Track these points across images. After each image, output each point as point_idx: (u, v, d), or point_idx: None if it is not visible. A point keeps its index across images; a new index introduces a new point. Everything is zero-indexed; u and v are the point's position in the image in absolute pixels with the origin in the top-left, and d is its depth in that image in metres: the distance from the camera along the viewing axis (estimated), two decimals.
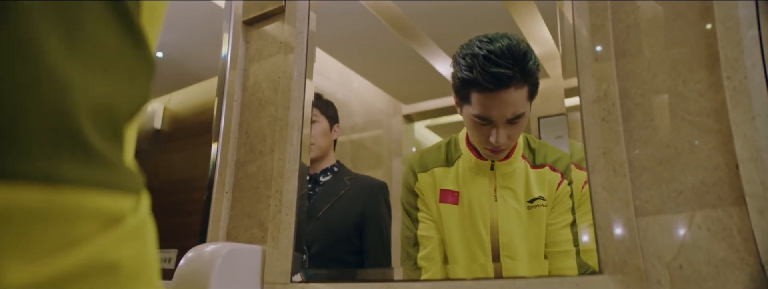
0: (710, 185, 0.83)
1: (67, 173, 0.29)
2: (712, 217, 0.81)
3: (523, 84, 1.10)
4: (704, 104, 0.86)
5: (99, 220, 0.31)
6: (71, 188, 0.29)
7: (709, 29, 0.88)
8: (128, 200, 0.33)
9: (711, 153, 0.84)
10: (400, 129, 1.65)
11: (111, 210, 0.32)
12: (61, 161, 0.29)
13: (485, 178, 1.18)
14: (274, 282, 1.20)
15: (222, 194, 1.41)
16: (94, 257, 0.30)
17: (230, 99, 1.49)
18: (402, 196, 1.30)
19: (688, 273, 0.81)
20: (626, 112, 0.92)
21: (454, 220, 1.19)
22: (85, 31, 0.32)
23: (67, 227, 0.29)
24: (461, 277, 1.15)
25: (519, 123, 1.12)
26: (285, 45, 1.41)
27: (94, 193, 0.31)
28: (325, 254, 1.39)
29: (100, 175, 0.31)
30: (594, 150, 0.91)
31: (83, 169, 0.30)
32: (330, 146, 1.55)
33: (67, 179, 0.29)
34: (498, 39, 1.11)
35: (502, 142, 1.12)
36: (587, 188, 0.92)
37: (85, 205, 0.30)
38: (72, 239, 0.29)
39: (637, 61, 0.93)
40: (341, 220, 1.46)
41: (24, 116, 0.28)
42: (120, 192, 0.33)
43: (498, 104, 1.11)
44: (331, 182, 1.52)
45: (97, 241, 0.30)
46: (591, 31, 0.96)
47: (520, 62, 1.08)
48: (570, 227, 1.09)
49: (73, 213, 0.30)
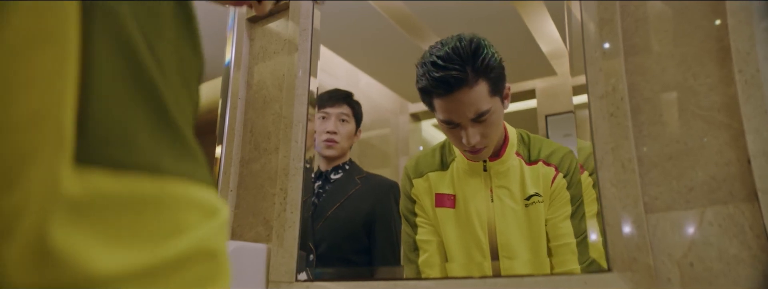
0: (721, 181, 0.81)
1: (169, 164, 0.32)
2: (723, 213, 0.80)
3: (479, 81, 1.08)
4: (715, 98, 0.84)
5: (200, 210, 0.33)
6: (173, 178, 0.32)
7: (720, 22, 0.86)
8: (216, 196, 0.36)
9: (722, 148, 0.82)
10: (407, 128, 1.64)
11: (207, 202, 0.34)
12: (163, 153, 0.32)
13: (479, 179, 1.17)
14: (279, 281, 1.19)
15: (227, 192, 1.41)
16: (198, 244, 0.32)
17: (235, 97, 1.48)
18: (401, 202, 1.29)
19: (699, 270, 0.79)
20: (635, 107, 0.91)
21: (451, 223, 1.18)
22: (164, 34, 0.35)
23: (174, 215, 0.31)
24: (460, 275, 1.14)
25: (487, 120, 1.10)
26: (289, 43, 1.41)
27: (193, 185, 0.33)
28: (333, 253, 1.39)
29: (195, 169, 0.34)
30: (602, 146, 0.90)
31: (181, 162, 0.33)
32: (350, 147, 1.55)
33: (169, 170, 0.31)
34: (448, 42, 1.11)
35: (475, 141, 1.11)
36: (588, 183, 0.90)
37: (188, 195, 0.32)
38: (179, 226, 0.31)
39: (646, 55, 0.92)
40: (350, 219, 1.45)
41: (132, 111, 0.30)
42: (209, 186, 0.35)
43: (456, 106, 1.10)
44: (341, 179, 1.51)
45: (200, 229, 0.33)
46: (599, 25, 0.95)
47: (469, 61, 1.07)
48: (570, 219, 1.07)
49: (179, 202, 0.32)
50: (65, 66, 0.28)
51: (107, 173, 0.29)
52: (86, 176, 0.28)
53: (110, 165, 0.29)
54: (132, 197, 0.29)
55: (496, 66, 1.10)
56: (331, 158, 1.52)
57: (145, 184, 0.30)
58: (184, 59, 0.37)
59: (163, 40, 0.34)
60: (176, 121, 0.33)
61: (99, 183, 0.28)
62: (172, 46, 0.35)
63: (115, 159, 0.29)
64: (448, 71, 1.07)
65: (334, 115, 1.53)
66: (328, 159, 1.53)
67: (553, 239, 1.08)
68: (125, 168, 0.29)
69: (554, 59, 1.29)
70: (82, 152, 0.28)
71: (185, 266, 0.31)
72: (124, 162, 0.29)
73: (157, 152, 0.31)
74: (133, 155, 0.30)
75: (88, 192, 0.28)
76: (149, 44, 0.33)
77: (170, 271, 0.30)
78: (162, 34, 0.34)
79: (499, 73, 1.12)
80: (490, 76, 1.09)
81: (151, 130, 0.31)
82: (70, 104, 0.28)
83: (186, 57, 0.37)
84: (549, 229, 1.09)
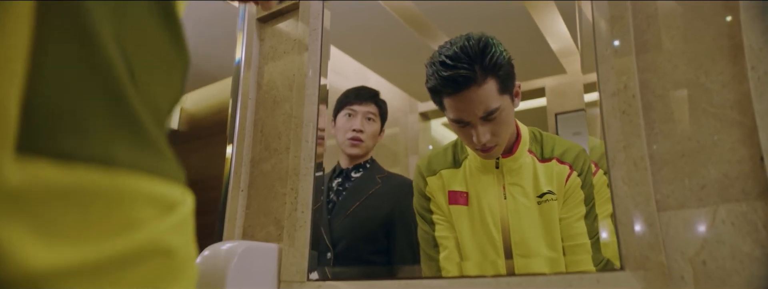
0: (734, 179, 0.81)
1: (125, 157, 0.30)
2: (736, 211, 0.79)
3: (488, 79, 1.09)
4: (727, 96, 0.84)
5: (155, 205, 0.32)
6: (128, 171, 0.30)
7: (732, 19, 0.86)
8: (178, 190, 0.35)
9: (735, 146, 0.82)
10: (417, 127, 1.64)
11: (165, 197, 0.33)
12: (118, 145, 0.30)
13: (492, 176, 1.17)
14: (291, 280, 1.19)
15: (237, 192, 1.41)
16: (151, 240, 0.31)
17: (245, 97, 1.48)
18: (415, 200, 1.29)
19: (712, 269, 0.79)
20: (647, 104, 0.90)
21: (464, 221, 1.18)
22: (132, 23, 0.34)
23: (125, 209, 0.30)
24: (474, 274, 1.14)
25: (497, 118, 1.11)
26: (299, 42, 1.41)
27: (149, 179, 0.32)
28: (350, 252, 1.38)
29: (154, 162, 0.33)
30: (614, 144, 0.89)
31: (139, 154, 0.31)
32: (373, 147, 1.54)
33: (124, 162, 0.30)
34: (456, 41, 1.11)
35: (485, 140, 1.11)
36: (603, 182, 0.90)
37: (142, 189, 0.31)
38: (131, 221, 0.30)
39: (658, 52, 0.92)
40: (370, 218, 1.44)
41: (85, 101, 0.29)
42: (171, 181, 0.34)
43: (466, 105, 1.10)
44: (362, 178, 1.50)
45: (154, 225, 0.32)
46: (610, 22, 0.94)
47: (477, 60, 1.08)
48: (584, 219, 1.07)
49: (131, 196, 0.31)
50: (12, 56, 0.27)
51: (51, 163, 0.28)
52: (27, 165, 0.27)
53: (55, 155, 0.28)
54: (78, 189, 0.28)
55: (505, 64, 1.11)
56: (353, 156, 1.52)
57: (93, 176, 0.29)
58: (162, 54, 0.36)
59: (134, 34, 0.34)
60: (137, 114, 0.32)
61: (41, 173, 0.27)
62: (149, 42, 0.35)
63: (61, 149, 0.28)
64: (456, 70, 1.08)
65: (361, 114, 1.52)
66: (351, 157, 1.52)
67: (567, 238, 1.08)
68: (72, 158, 0.28)
69: (564, 57, 1.28)
70: (26, 141, 0.27)
71: (135, 263, 0.30)
72: (71, 152, 0.28)
73: (110, 144, 0.30)
74: (81, 146, 0.29)
75: (28, 183, 0.27)
76: (117, 39, 0.32)
77: (116, 268, 0.29)
78: (134, 31, 0.34)
79: (508, 71, 1.12)
80: (498, 74, 1.09)
81: (105, 122, 0.30)
82: (15, 93, 0.27)
83: (164, 51, 0.36)
84: (563, 228, 1.09)
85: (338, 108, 1.56)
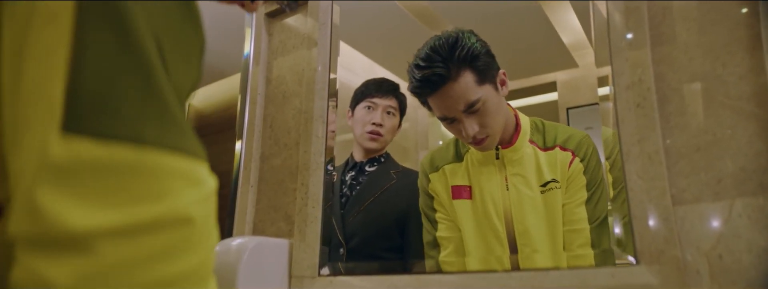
0: (751, 172, 0.80)
1: (153, 135, 0.35)
2: (753, 205, 0.78)
3: (462, 73, 1.09)
4: (744, 88, 0.83)
5: (180, 179, 0.36)
6: (156, 149, 0.35)
7: (749, 10, 0.84)
8: (202, 168, 0.39)
9: (751, 139, 0.81)
10: (426, 122, 1.63)
11: (190, 172, 0.37)
12: (148, 125, 0.35)
13: (493, 168, 1.17)
14: (302, 275, 1.19)
15: (247, 187, 1.41)
16: (175, 209, 0.35)
17: (254, 92, 1.48)
18: (420, 199, 1.29)
19: (729, 263, 0.78)
20: (662, 97, 0.89)
21: (468, 215, 1.18)
22: (166, 15, 0.38)
23: (153, 181, 0.35)
24: (477, 269, 1.14)
25: (481, 110, 1.11)
26: (308, 37, 1.40)
27: (175, 155, 0.36)
28: (363, 249, 1.37)
29: (179, 140, 0.37)
30: (628, 138, 0.89)
31: (166, 133, 0.36)
32: (390, 141, 1.52)
33: (153, 141, 0.35)
34: (429, 42, 1.13)
35: (473, 132, 1.11)
36: (609, 171, 0.90)
37: (170, 164, 0.35)
38: (158, 192, 0.35)
39: (673, 44, 0.90)
40: (384, 214, 1.43)
41: (121, 86, 0.34)
42: (196, 158, 0.38)
43: (446, 102, 1.11)
44: (377, 172, 1.49)
45: (179, 196, 0.35)
46: (625, 14, 0.93)
47: (447, 56, 1.09)
48: (585, 204, 1.07)
49: (158, 170, 0.35)
50: (59, 44, 0.33)
51: (91, 141, 0.32)
52: (71, 143, 0.32)
53: (94, 134, 0.33)
54: (112, 164, 0.33)
55: (480, 54, 1.11)
56: (369, 150, 1.50)
57: (126, 152, 0.33)
58: (185, 37, 0.40)
59: (164, 21, 0.38)
60: (165, 96, 0.36)
61: (82, 150, 0.32)
62: (175, 27, 0.39)
63: (99, 129, 0.33)
64: (430, 69, 1.09)
65: (382, 107, 1.50)
66: (366, 150, 1.50)
67: (566, 223, 1.08)
68: (107, 137, 0.33)
69: (576, 51, 1.28)
70: (70, 122, 0.32)
71: (160, 229, 0.34)
72: (107, 132, 0.33)
73: (140, 124, 0.34)
74: (116, 126, 0.33)
75: (72, 158, 0.32)
76: (151, 25, 0.36)
77: (143, 232, 0.34)
78: (164, 16, 0.38)
79: (485, 61, 1.12)
80: (473, 65, 1.10)
81: (137, 104, 0.34)
82: (61, 78, 0.32)
83: (187, 35, 0.40)
84: (564, 213, 1.09)
85: (358, 99, 1.54)
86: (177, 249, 0.35)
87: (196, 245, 0.37)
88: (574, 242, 1.06)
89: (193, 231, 0.36)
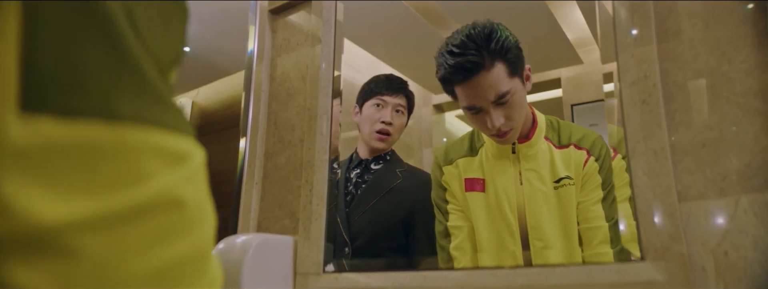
0: (757, 169, 0.80)
1: (128, 109, 0.30)
2: (759, 201, 0.78)
3: (496, 63, 1.10)
4: (751, 84, 0.82)
5: (163, 157, 0.32)
6: (132, 124, 0.30)
7: (755, 5, 0.84)
8: (187, 142, 0.34)
9: (758, 135, 0.81)
10: (430, 119, 1.63)
11: (173, 149, 0.33)
12: (121, 98, 0.30)
13: (508, 162, 1.18)
14: (307, 272, 1.19)
15: (251, 185, 1.41)
16: (161, 192, 0.31)
17: (258, 90, 1.48)
18: (433, 191, 1.29)
19: (734, 259, 0.78)
20: (667, 94, 0.89)
21: (481, 207, 1.19)
22: None
23: (132, 162, 0.30)
24: (491, 265, 1.14)
25: (509, 102, 1.12)
26: (312, 34, 1.40)
27: (155, 131, 0.32)
28: (368, 249, 1.36)
29: (159, 114, 0.32)
30: (634, 134, 0.88)
31: (143, 107, 0.31)
32: (397, 140, 1.50)
33: (128, 115, 0.30)
34: (462, 30, 1.13)
35: (499, 124, 1.12)
36: (621, 167, 0.90)
37: (147, 141, 0.31)
38: (139, 173, 0.30)
39: (679, 40, 0.90)
40: (389, 214, 1.41)
41: (84, 54, 0.29)
42: (178, 132, 0.33)
43: (477, 91, 1.12)
44: (382, 171, 1.47)
45: (163, 177, 0.31)
46: (630, 10, 0.93)
47: (483, 45, 1.10)
48: (601, 202, 1.07)
49: (137, 149, 0.30)
50: (7, 12, 0.28)
51: (55, 119, 0.28)
52: (32, 123, 0.27)
53: (58, 112, 0.28)
54: (83, 144, 0.29)
55: (513, 47, 1.12)
56: (376, 149, 1.49)
57: (98, 130, 0.29)
58: (162, 3, 0.35)
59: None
60: (140, 66, 0.32)
61: (45, 131, 0.28)
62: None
63: (63, 105, 0.28)
64: (464, 57, 1.10)
65: (391, 105, 1.48)
66: (372, 148, 1.49)
67: (583, 221, 1.09)
68: (75, 114, 0.28)
69: (580, 47, 1.27)
70: (28, 99, 0.27)
71: (146, 215, 0.30)
72: (73, 108, 0.28)
73: (113, 97, 0.30)
74: (83, 100, 0.29)
75: (34, 141, 0.27)
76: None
77: (128, 220, 0.30)
78: None
79: (517, 54, 1.13)
80: (507, 57, 1.11)
81: (105, 75, 0.30)
82: (11, 51, 0.27)
83: (166, 3, 0.36)
84: (580, 211, 1.10)
85: (366, 96, 1.51)
86: (170, 234, 0.32)
87: (191, 228, 0.33)
88: (593, 240, 1.07)
89: (186, 213, 0.33)
